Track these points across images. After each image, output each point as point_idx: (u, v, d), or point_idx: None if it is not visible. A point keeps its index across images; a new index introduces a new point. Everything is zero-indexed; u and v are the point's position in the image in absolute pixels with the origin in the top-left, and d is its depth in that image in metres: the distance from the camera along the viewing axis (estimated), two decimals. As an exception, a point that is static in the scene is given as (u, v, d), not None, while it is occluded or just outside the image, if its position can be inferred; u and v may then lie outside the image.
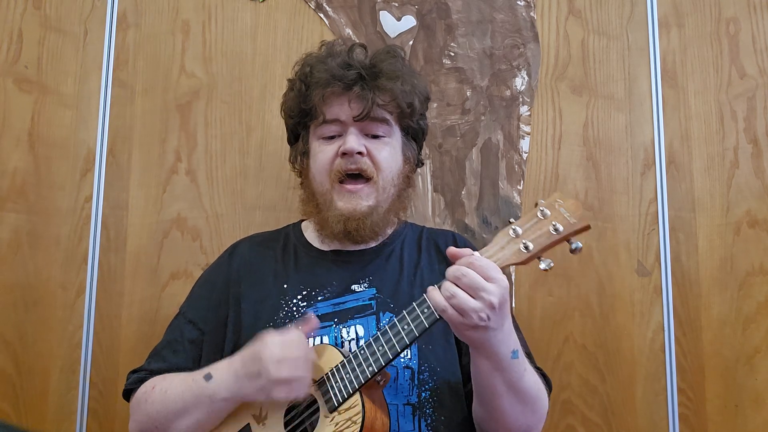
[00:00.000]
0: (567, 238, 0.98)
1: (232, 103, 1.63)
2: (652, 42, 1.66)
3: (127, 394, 1.20)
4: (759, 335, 1.53)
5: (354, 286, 1.19)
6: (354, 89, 1.18)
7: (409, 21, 1.67)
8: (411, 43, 1.66)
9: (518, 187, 1.62)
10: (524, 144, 1.63)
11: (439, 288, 0.96)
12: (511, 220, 1.01)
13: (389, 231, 1.28)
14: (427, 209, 1.61)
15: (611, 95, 1.65)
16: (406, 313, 1.00)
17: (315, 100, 1.21)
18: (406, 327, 0.99)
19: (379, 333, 1.01)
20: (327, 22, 1.66)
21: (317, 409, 1.03)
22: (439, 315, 0.96)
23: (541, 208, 0.99)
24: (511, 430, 1.07)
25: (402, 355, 1.03)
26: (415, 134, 1.29)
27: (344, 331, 1.14)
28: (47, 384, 1.52)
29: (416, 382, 1.11)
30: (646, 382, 1.55)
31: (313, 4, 1.66)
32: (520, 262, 0.98)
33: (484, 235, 1.59)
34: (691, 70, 1.65)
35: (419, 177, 1.62)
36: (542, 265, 0.97)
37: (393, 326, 1.00)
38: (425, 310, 0.98)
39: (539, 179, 1.62)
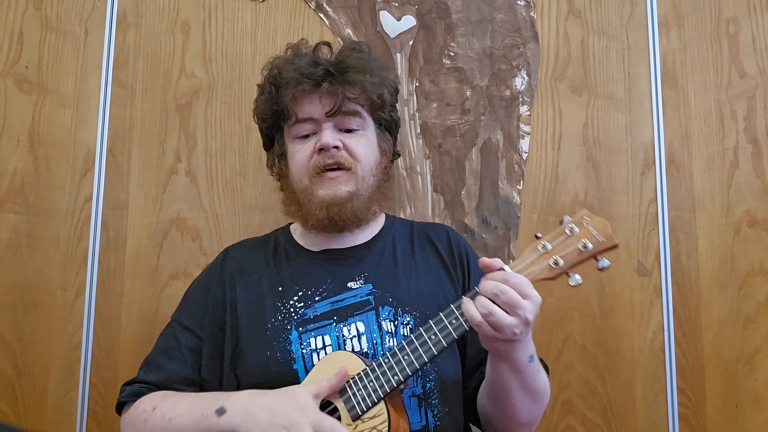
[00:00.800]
0: (595, 256, 0.99)
1: (232, 104, 1.63)
2: (652, 42, 1.66)
3: (121, 407, 1.17)
4: (759, 335, 1.53)
5: (350, 284, 1.19)
6: (323, 85, 1.20)
7: (409, 21, 1.67)
8: (411, 43, 1.66)
9: (518, 187, 1.62)
10: (524, 144, 1.63)
11: (473, 300, 0.96)
12: (538, 234, 1.01)
13: (377, 227, 1.29)
14: (427, 209, 1.61)
15: (611, 95, 1.65)
16: (433, 323, 1.01)
17: (286, 100, 1.22)
18: (433, 337, 1.00)
19: (404, 342, 1.02)
20: (327, 22, 1.66)
21: (338, 417, 1.03)
22: (468, 326, 0.97)
23: (569, 225, 1.00)
24: (518, 423, 1.10)
25: None
26: (388, 126, 1.31)
27: (345, 329, 1.14)
28: (47, 385, 1.52)
29: (420, 373, 1.11)
30: (646, 382, 1.55)
31: (313, 4, 1.66)
32: (551, 278, 0.99)
33: (484, 235, 1.59)
34: (691, 70, 1.65)
35: (419, 177, 1.62)
36: (571, 282, 0.98)
37: (419, 336, 1.01)
38: (453, 321, 0.99)
39: (539, 179, 1.62)
